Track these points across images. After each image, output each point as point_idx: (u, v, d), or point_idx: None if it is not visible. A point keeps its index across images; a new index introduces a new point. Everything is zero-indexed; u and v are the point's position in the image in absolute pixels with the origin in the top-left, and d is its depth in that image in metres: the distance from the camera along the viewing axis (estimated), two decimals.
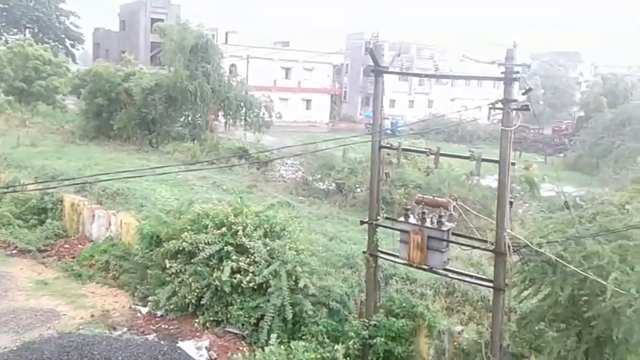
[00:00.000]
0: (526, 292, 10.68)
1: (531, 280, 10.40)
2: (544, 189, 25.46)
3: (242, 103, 37.63)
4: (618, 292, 8.91)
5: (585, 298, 9.72)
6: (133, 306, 14.76)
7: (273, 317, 12.48)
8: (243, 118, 38.10)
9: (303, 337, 12.24)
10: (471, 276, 11.42)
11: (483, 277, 11.48)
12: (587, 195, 23.14)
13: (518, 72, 9.73)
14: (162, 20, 54.36)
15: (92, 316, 14.06)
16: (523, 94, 9.95)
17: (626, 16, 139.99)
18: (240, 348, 12.33)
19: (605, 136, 43.32)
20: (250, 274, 12.95)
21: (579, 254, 9.65)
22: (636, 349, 9.36)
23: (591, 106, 55.05)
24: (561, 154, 49.13)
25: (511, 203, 10.23)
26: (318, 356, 11.16)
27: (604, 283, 9.08)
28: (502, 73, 9.74)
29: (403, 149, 12.23)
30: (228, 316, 13.17)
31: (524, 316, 10.97)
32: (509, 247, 9.85)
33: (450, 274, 11.22)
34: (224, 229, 13.81)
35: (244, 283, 12.90)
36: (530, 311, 10.77)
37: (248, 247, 13.43)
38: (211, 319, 13.38)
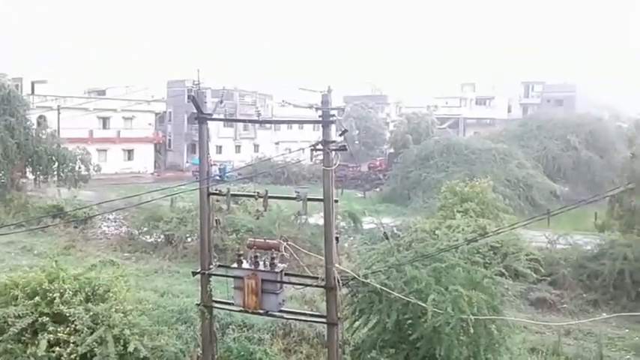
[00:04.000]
0: (357, 323, 11.18)
1: (361, 310, 10.93)
2: (366, 222, 27.12)
3: (54, 158, 34.93)
4: (437, 312, 9.75)
5: (410, 321, 10.45)
6: None
7: None
8: (55, 173, 35.25)
9: None
10: (305, 314, 11.64)
11: (317, 313, 11.78)
12: (403, 224, 25.29)
13: (334, 115, 10.36)
14: None
15: None
16: (340, 135, 10.59)
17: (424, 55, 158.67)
18: None
19: (413, 169, 47.63)
20: (72, 344, 11.69)
21: (400, 280, 10.42)
22: None
23: (399, 144, 60.73)
24: (378, 189, 52.89)
25: (337, 239, 10.68)
26: None
27: (424, 305, 9.87)
28: (320, 116, 10.29)
29: (232, 194, 12.19)
30: None
31: (357, 347, 11.42)
32: (338, 281, 10.22)
33: (285, 315, 11.30)
34: (37, 298, 12.35)
35: (65, 355, 11.57)
36: (362, 341, 11.26)
37: (67, 315, 12.15)
38: None
